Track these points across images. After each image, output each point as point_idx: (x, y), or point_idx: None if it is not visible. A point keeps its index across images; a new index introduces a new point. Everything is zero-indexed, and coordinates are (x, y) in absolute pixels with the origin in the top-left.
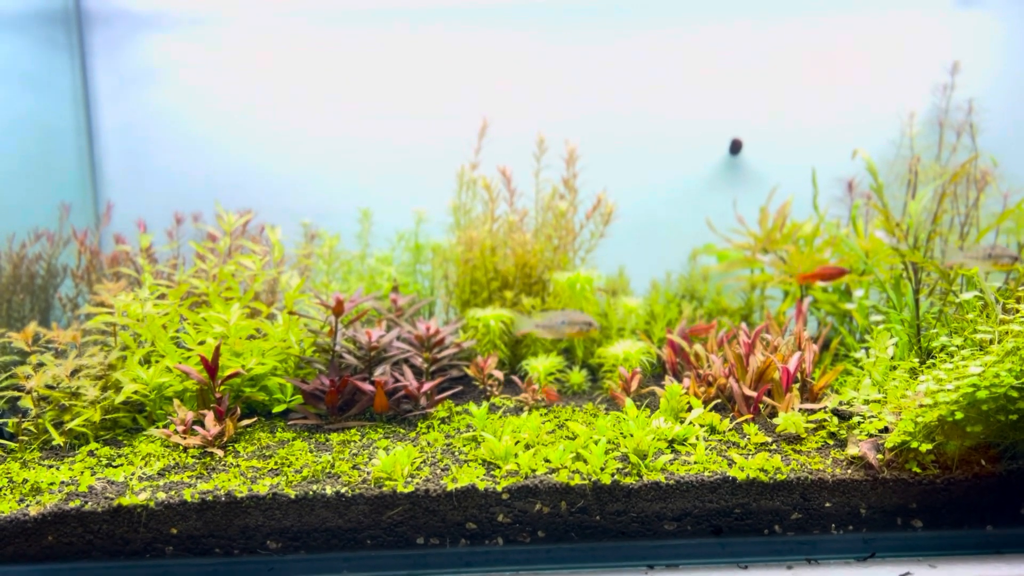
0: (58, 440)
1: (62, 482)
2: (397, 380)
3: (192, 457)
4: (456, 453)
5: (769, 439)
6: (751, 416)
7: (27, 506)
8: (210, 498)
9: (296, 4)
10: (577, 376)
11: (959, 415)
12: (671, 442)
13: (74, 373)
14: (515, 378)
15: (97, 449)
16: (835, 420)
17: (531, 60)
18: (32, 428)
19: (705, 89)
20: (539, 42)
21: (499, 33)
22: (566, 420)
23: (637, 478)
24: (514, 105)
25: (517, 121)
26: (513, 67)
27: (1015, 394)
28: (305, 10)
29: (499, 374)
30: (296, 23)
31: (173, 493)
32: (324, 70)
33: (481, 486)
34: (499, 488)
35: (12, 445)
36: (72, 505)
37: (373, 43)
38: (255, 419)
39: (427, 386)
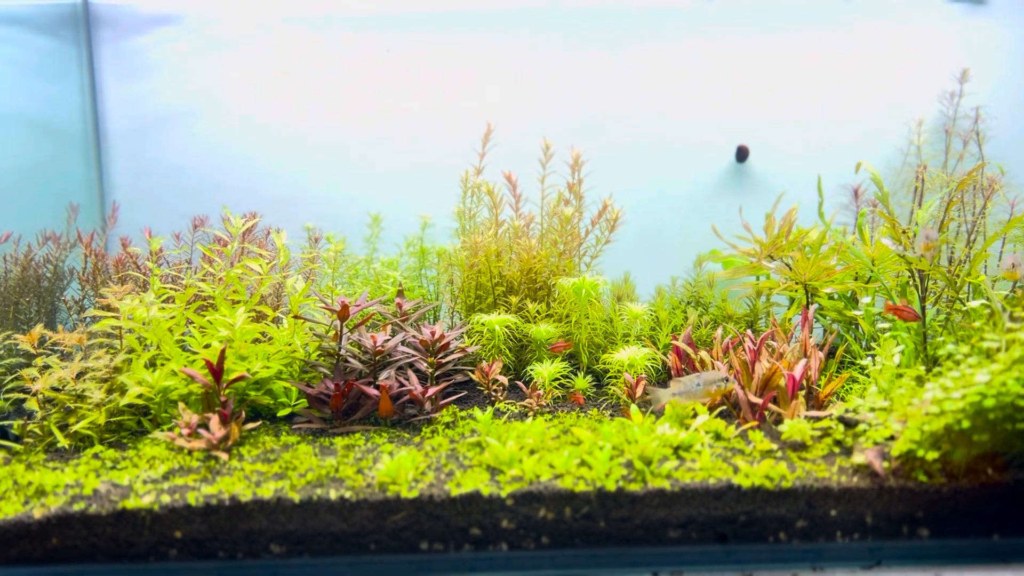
0: (63, 442)
1: (67, 484)
2: (402, 385)
3: (197, 460)
4: (460, 458)
5: (774, 446)
6: (756, 423)
7: (32, 508)
8: (214, 502)
9: (303, 8)
10: (582, 382)
11: (966, 423)
12: (676, 449)
13: (79, 376)
14: (520, 383)
15: (102, 452)
16: (841, 428)
17: (537, 65)
18: (37, 430)
19: (712, 95)
20: (545, 47)
21: (505, 38)
22: (571, 426)
23: (642, 484)
24: (520, 110)
25: (523, 126)
26: (519, 72)
27: (1022, 403)
28: (312, 15)
29: (504, 379)
30: (303, 27)
31: (177, 496)
32: (331, 74)
33: (485, 491)
34: (503, 494)
35: (17, 447)
36: (76, 508)
37: (380, 48)
38: (260, 423)
39: (432, 391)
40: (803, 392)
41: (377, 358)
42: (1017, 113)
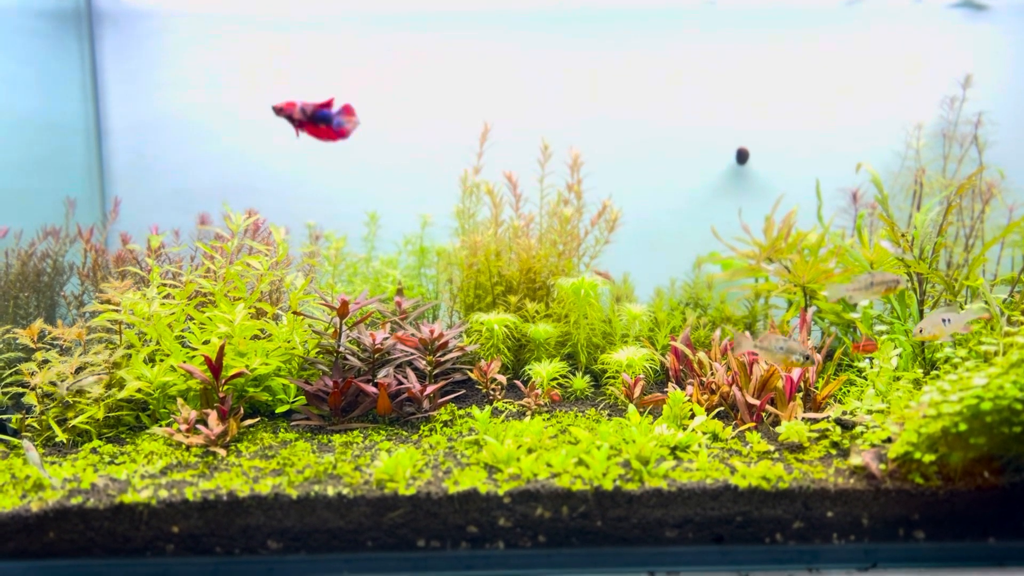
0: (61, 437)
1: (64, 479)
2: (400, 383)
3: (195, 456)
4: (458, 456)
5: (772, 448)
6: (754, 424)
7: (29, 502)
8: (212, 497)
9: (304, 8)
10: (580, 382)
11: (963, 427)
12: (673, 449)
13: (78, 371)
14: (518, 383)
15: (100, 446)
16: (838, 430)
17: (538, 66)
18: (36, 424)
19: (713, 98)
20: (545, 48)
21: (505, 39)
22: (569, 425)
23: (639, 484)
24: (520, 111)
25: (523, 127)
26: (519, 73)
27: (1019, 406)
28: (314, 13)
29: (502, 378)
30: (304, 27)
31: (175, 491)
32: (331, 73)
33: (483, 489)
34: (501, 492)
35: (15, 441)
36: (74, 502)
37: (380, 48)
38: (258, 419)
39: (430, 389)
40: (801, 394)
41: (376, 356)
42: (1017, 119)
